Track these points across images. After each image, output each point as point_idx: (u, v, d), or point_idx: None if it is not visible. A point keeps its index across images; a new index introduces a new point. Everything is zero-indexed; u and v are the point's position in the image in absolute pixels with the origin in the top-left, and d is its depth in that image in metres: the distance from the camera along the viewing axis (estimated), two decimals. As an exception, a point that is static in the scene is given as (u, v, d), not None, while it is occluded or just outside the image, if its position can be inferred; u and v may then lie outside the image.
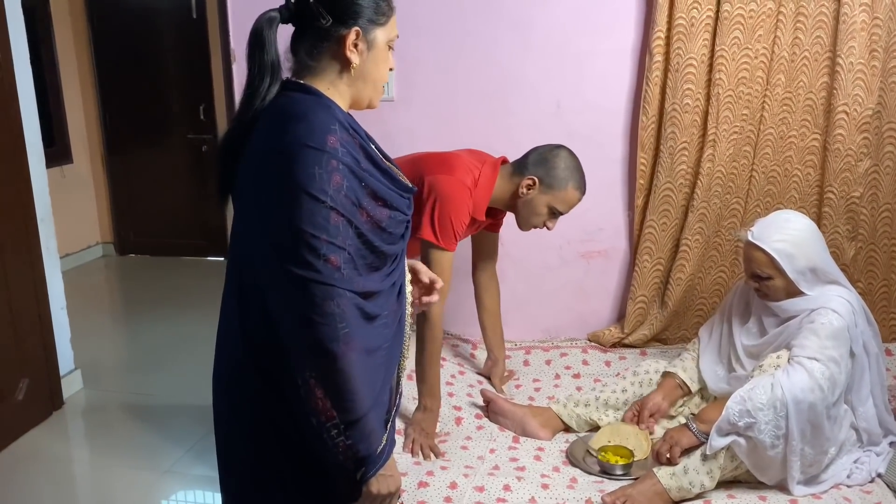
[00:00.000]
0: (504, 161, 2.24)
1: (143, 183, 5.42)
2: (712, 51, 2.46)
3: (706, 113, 2.51)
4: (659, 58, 2.49)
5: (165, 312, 4.33)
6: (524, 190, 2.15)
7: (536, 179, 2.13)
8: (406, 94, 2.73)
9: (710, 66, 2.47)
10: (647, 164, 2.62)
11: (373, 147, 1.26)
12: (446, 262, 2.08)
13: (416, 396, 2.18)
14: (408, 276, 1.41)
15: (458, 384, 2.47)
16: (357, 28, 1.23)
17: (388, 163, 1.32)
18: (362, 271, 1.20)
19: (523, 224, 2.23)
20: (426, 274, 1.46)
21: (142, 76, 5.23)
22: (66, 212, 4.62)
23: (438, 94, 2.71)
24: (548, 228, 2.22)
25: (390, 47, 1.30)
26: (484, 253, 2.46)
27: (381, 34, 1.26)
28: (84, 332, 3.51)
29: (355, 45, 1.24)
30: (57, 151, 4.93)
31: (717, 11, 2.42)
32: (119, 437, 2.94)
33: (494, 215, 2.29)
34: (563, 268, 2.80)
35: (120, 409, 3.15)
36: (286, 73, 1.28)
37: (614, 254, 2.78)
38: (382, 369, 1.29)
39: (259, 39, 1.22)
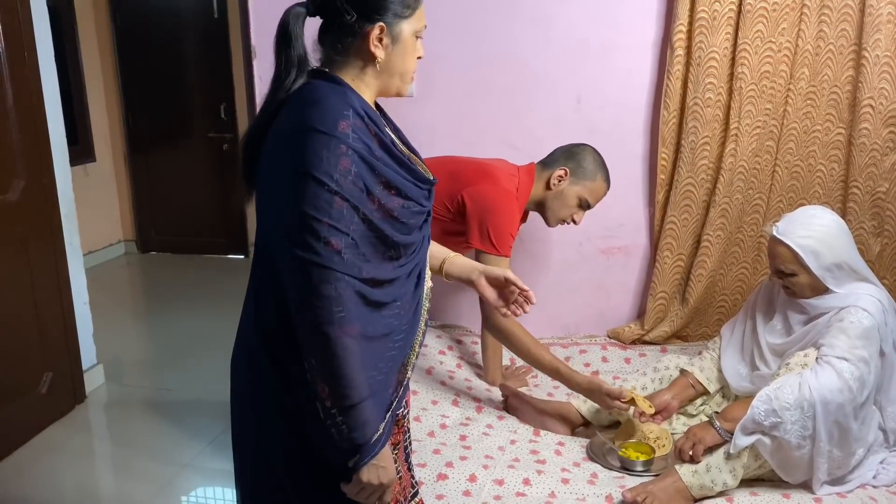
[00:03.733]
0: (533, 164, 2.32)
1: (164, 181, 5.47)
2: (735, 44, 2.43)
3: (728, 107, 2.48)
4: (680, 52, 2.46)
5: (186, 309, 4.37)
6: (556, 181, 2.24)
7: (568, 170, 2.24)
8: (427, 91, 2.73)
9: (733, 59, 2.44)
10: (669, 160, 2.60)
11: (390, 136, 1.26)
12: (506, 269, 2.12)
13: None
14: (429, 272, 1.40)
15: (476, 380, 2.47)
16: (381, 24, 1.23)
17: (408, 153, 1.32)
18: (371, 258, 1.20)
19: (552, 218, 2.30)
20: (520, 281, 1.50)
21: (164, 75, 5.28)
22: (89, 209, 4.68)
23: (459, 91, 2.70)
24: (574, 222, 2.29)
25: (418, 37, 1.29)
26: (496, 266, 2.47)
27: (406, 27, 1.26)
28: (106, 328, 3.54)
29: (380, 41, 1.24)
30: (80, 150, 4.99)
31: (740, 4, 2.39)
32: (140, 431, 2.96)
33: (522, 219, 2.34)
34: (582, 264, 2.78)
35: (141, 404, 3.18)
36: (315, 63, 1.29)
37: (635, 250, 2.76)
38: (390, 358, 1.28)
39: (286, 33, 1.23)
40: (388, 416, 1.28)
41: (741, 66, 2.42)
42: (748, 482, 1.85)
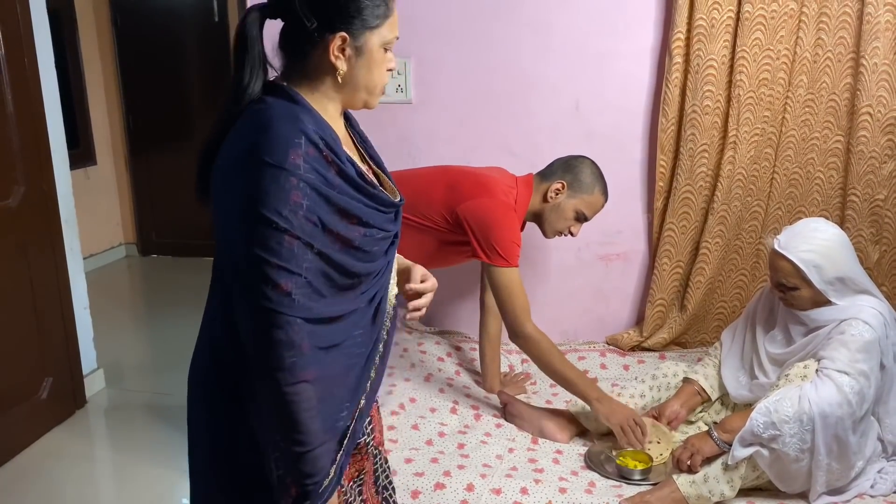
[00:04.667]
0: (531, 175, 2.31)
1: (165, 184, 5.47)
2: (733, 52, 2.43)
3: (727, 115, 2.49)
4: (679, 59, 2.47)
5: (187, 313, 4.35)
6: (553, 194, 2.23)
7: (565, 183, 2.22)
8: (425, 96, 2.74)
9: (731, 67, 2.44)
10: (667, 167, 2.60)
11: (349, 158, 1.16)
12: (517, 279, 2.15)
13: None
14: (393, 290, 1.32)
15: (475, 388, 2.48)
16: (343, 34, 1.13)
17: (373, 172, 1.25)
18: (327, 294, 1.13)
19: (549, 230, 2.29)
20: (420, 272, 1.34)
21: (164, 79, 5.28)
22: (90, 213, 4.69)
23: (458, 96, 2.71)
24: (572, 235, 2.28)
25: (387, 49, 1.20)
26: None
27: (374, 38, 1.16)
28: (107, 332, 3.54)
29: (342, 52, 1.14)
30: (81, 153, 4.99)
31: (738, 12, 2.39)
32: (141, 436, 2.96)
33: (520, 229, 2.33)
34: (581, 270, 2.79)
35: (142, 409, 3.18)
36: (278, 70, 1.21)
37: (633, 256, 2.76)
38: (347, 396, 1.21)
39: (242, 36, 1.14)
40: (340, 455, 1.21)
41: (739, 74, 2.42)
42: (745, 492, 1.85)
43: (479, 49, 2.66)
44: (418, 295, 1.34)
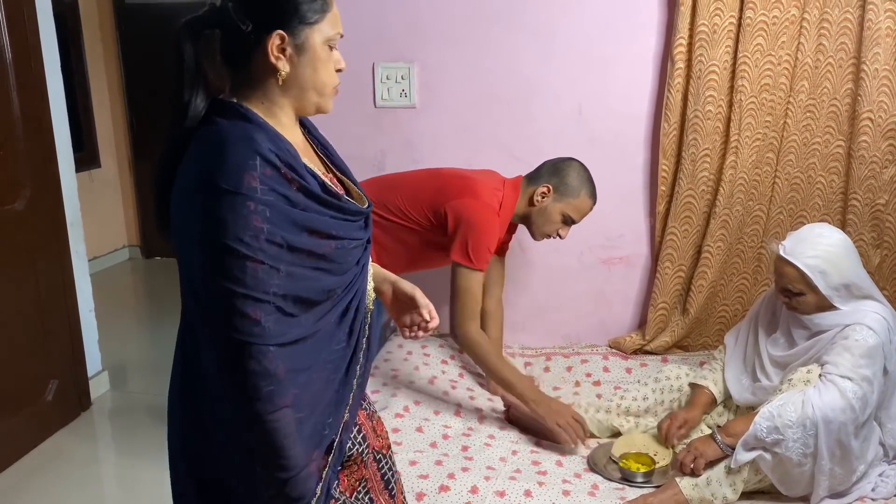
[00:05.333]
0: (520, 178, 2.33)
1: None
2: (735, 57, 2.45)
3: (728, 120, 2.50)
4: (681, 64, 2.48)
5: (190, 315, 4.38)
6: (539, 198, 2.24)
7: (551, 187, 2.23)
8: (428, 101, 2.75)
9: (733, 72, 2.46)
10: (669, 171, 2.62)
11: (310, 171, 1.12)
12: (478, 282, 2.17)
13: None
14: (370, 295, 1.31)
15: (478, 390, 2.49)
16: (280, 32, 1.09)
17: (336, 181, 1.22)
18: (298, 313, 1.09)
19: (537, 233, 2.31)
20: (427, 308, 1.35)
21: (168, 81, 5.27)
22: (94, 215, 4.71)
23: (461, 101, 2.72)
24: (560, 237, 2.30)
25: (331, 47, 1.15)
26: (491, 278, 2.48)
27: (315, 35, 1.12)
28: (111, 335, 3.56)
29: (282, 51, 1.10)
30: (85, 156, 5.01)
31: (740, 18, 2.40)
32: (145, 438, 2.98)
33: (509, 230, 2.36)
34: (584, 274, 2.80)
35: (146, 411, 3.20)
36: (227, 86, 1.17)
37: (636, 260, 2.77)
38: (329, 410, 1.20)
39: (177, 52, 1.11)
40: (326, 472, 1.19)
41: (741, 79, 2.44)
42: (747, 495, 1.86)
43: (483, 54, 2.67)
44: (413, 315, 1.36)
